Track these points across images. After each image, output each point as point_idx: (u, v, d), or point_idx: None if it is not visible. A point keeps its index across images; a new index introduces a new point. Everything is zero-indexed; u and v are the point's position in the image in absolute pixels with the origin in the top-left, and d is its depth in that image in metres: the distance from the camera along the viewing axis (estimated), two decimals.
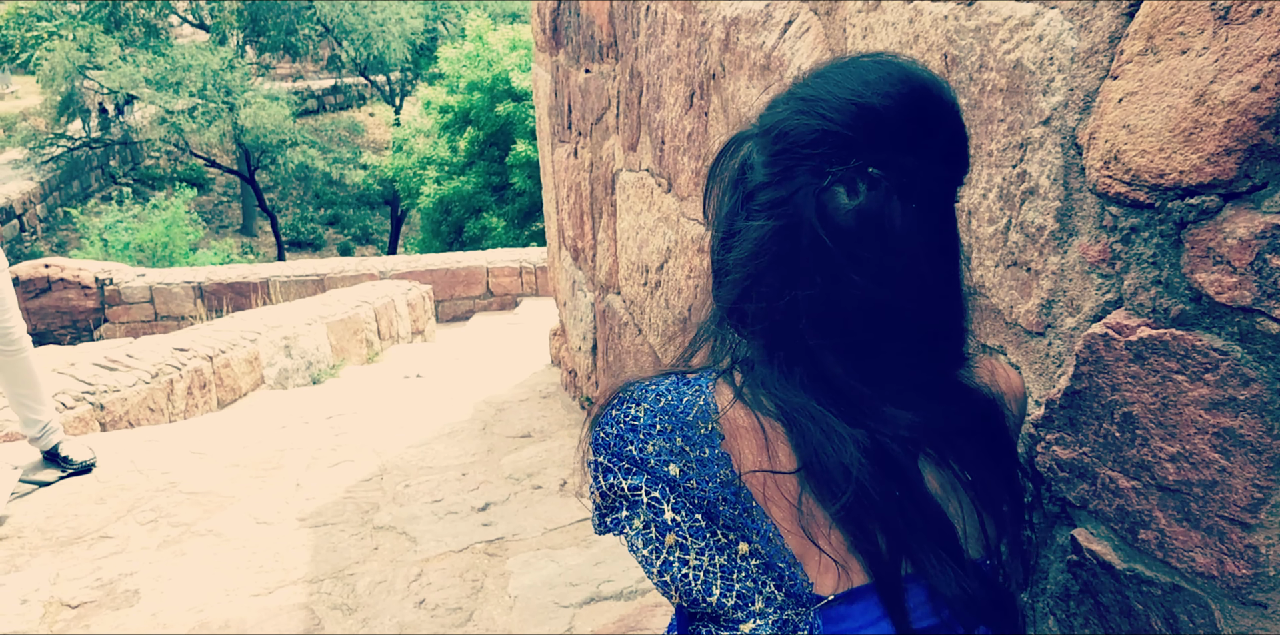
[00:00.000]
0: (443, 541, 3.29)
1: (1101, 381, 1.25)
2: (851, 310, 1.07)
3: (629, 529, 1.12)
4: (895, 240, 1.06)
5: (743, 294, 1.11)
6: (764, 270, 1.08)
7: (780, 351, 1.10)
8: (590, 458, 1.17)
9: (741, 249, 1.10)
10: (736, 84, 2.38)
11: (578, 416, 4.75)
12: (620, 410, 1.13)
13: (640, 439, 1.10)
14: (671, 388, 1.13)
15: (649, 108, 3.19)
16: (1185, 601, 1.19)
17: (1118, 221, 1.23)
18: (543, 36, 4.75)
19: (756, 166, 1.11)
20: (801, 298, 1.07)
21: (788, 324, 1.09)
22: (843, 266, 1.06)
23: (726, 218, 1.15)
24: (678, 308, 2.96)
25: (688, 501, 1.09)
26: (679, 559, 1.09)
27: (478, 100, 19.55)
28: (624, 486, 1.11)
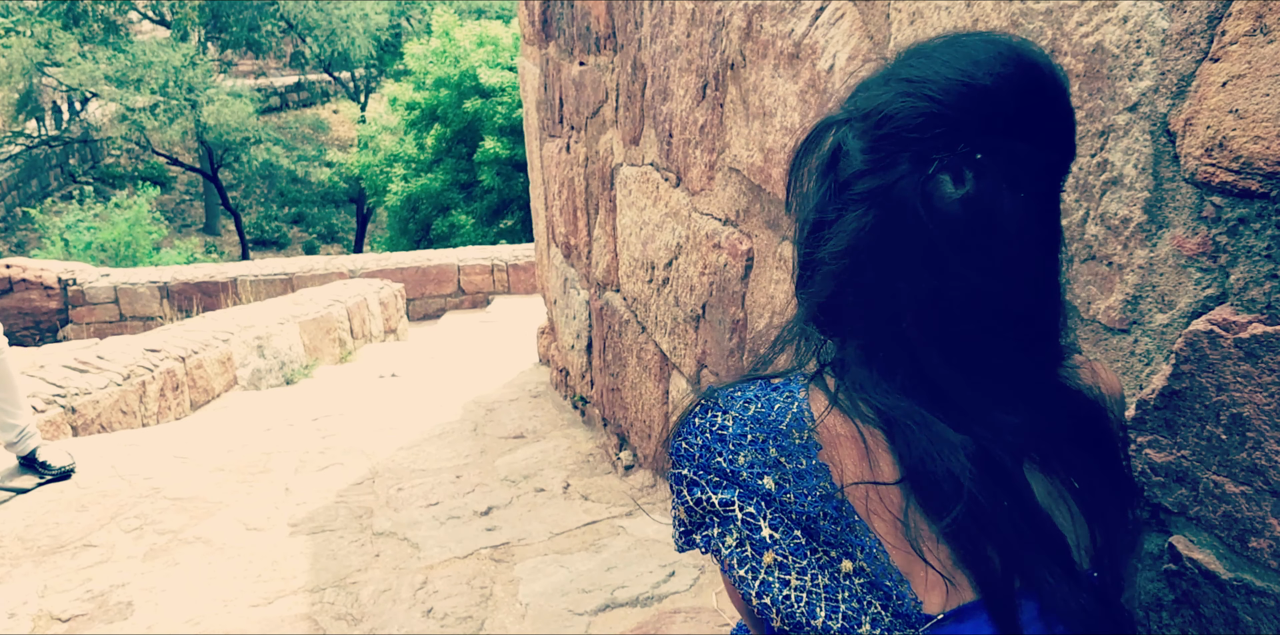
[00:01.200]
0: (446, 547, 3.20)
1: (1205, 381, 1.19)
2: (958, 305, 0.99)
3: (721, 547, 1.04)
4: (1003, 231, 0.98)
5: (838, 289, 1.03)
6: (863, 263, 1.00)
7: (880, 352, 1.02)
8: (672, 470, 1.09)
9: (837, 241, 1.02)
10: (759, 74, 2.30)
11: (570, 416, 4.66)
12: (706, 419, 1.06)
13: (730, 450, 1.02)
14: (760, 394, 1.05)
15: (654, 100, 3.10)
16: None
17: (1221, 212, 1.16)
18: (531, 30, 4.66)
19: (853, 153, 1.03)
20: (904, 292, 0.99)
21: (889, 321, 1.01)
22: (949, 259, 0.97)
23: (816, 208, 1.07)
24: (690, 305, 2.88)
25: (785, 517, 1.01)
26: (779, 579, 1.01)
27: (445, 97, 19.38)
28: (714, 501, 1.03)
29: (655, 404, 3.40)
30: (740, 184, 2.52)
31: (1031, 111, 0.99)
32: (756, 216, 2.44)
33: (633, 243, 3.43)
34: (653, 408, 3.43)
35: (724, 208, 2.63)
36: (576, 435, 4.40)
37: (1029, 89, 0.99)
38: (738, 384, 1.08)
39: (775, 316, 2.33)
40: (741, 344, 2.58)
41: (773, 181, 2.29)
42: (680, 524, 1.09)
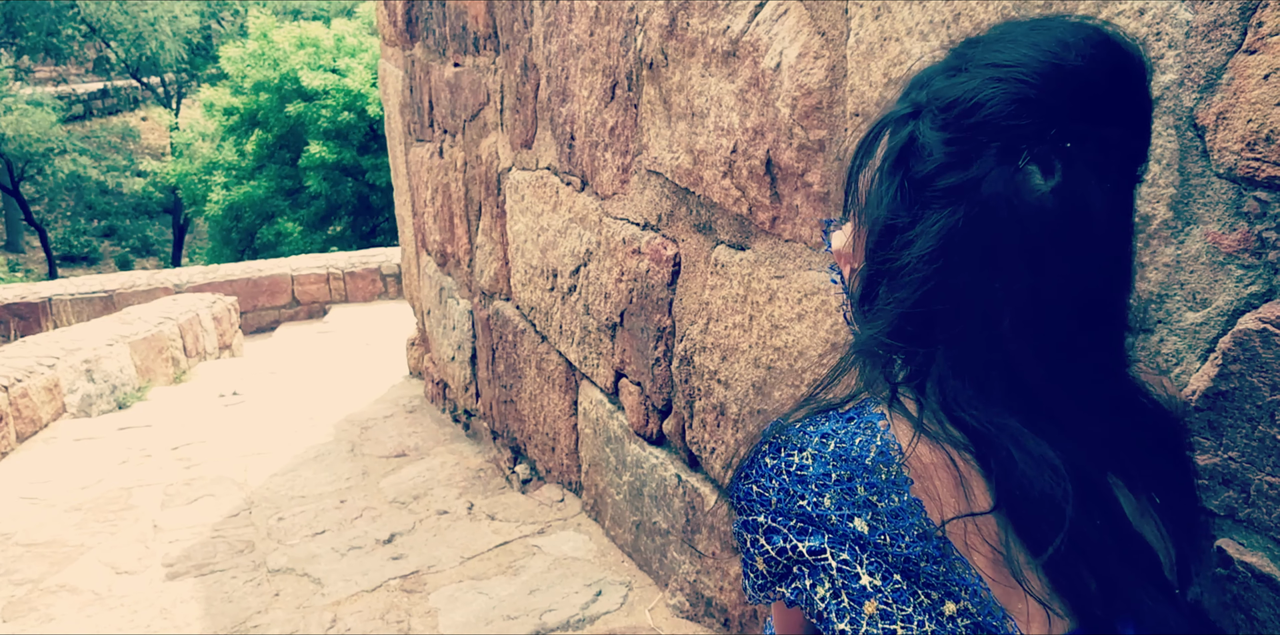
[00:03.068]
0: (351, 581, 3.00)
1: (1258, 381, 1.16)
2: (1053, 303, 0.92)
3: (815, 599, 0.95)
4: (1094, 222, 0.91)
5: (929, 295, 0.93)
6: (957, 265, 0.91)
7: (977, 360, 0.93)
8: (741, 516, 0.99)
9: (924, 243, 0.93)
10: (686, 73, 2.21)
11: (453, 431, 4.49)
12: (780, 459, 0.95)
13: (814, 492, 0.93)
14: (838, 428, 0.95)
15: (551, 101, 2.98)
16: None
17: (1269, 207, 1.13)
18: (393, 30, 4.45)
19: (931, 146, 0.95)
20: (1000, 292, 0.90)
21: (985, 326, 0.92)
22: (1046, 253, 0.90)
23: (888, 212, 0.98)
24: (605, 313, 2.77)
25: (883, 561, 0.92)
26: (884, 630, 0.92)
27: (265, 101, 18.65)
28: (802, 550, 0.93)
29: (560, 415, 3.28)
30: (662, 187, 2.42)
31: (1121, 94, 0.93)
32: (683, 220, 2.35)
33: (528, 250, 3.29)
34: (557, 419, 3.31)
35: (643, 212, 2.53)
36: (463, 450, 4.24)
37: (1119, 71, 0.93)
38: (808, 417, 0.98)
39: (713, 323, 2.25)
40: (669, 352, 2.49)
41: (705, 184, 2.20)
42: (758, 575, 0.99)
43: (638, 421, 2.70)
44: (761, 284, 2.07)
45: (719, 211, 2.20)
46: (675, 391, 2.48)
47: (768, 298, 2.06)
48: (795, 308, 1.97)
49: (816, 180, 1.87)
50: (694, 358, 2.35)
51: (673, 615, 2.60)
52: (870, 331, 0.98)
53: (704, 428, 2.35)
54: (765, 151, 1.98)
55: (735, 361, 2.19)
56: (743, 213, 2.10)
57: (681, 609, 2.59)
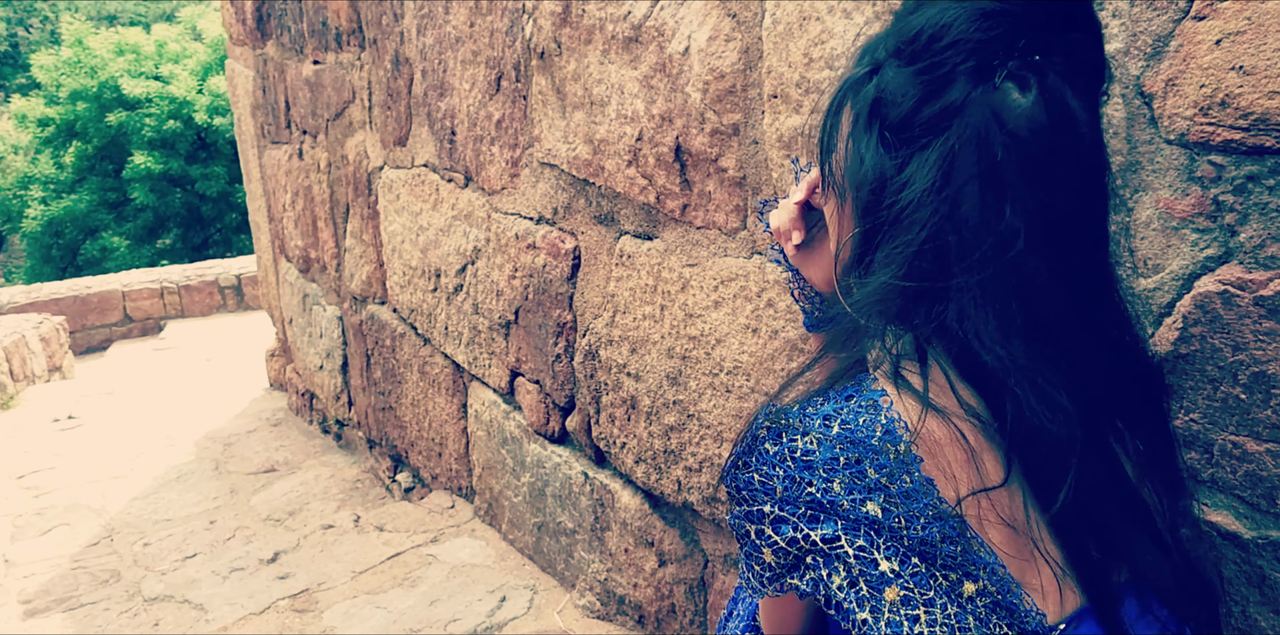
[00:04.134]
0: (237, 604, 2.81)
1: (1219, 342, 1.16)
2: (1065, 221, 0.89)
3: (830, 589, 0.89)
4: (1083, 133, 0.90)
5: (936, 230, 0.88)
6: (960, 194, 0.88)
7: (995, 288, 0.88)
8: (741, 507, 0.93)
9: (921, 180, 0.89)
10: (583, 62, 2.14)
11: (323, 442, 4.29)
12: (781, 445, 0.89)
13: (823, 477, 0.87)
14: (839, 408, 0.90)
15: (427, 97, 2.87)
16: None
17: (1224, 171, 1.14)
18: (242, 28, 4.23)
19: (902, 85, 0.92)
20: (1009, 215, 0.87)
21: (1000, 251, 0.87)
22: (1047, 168, 0.88)
23: (874, 164, 0.94)
24: (497, 312, 2.68)
25: (899, 545, 0.87)
26: (907, 617, 0.88)
27: (84, 110, 17.67)
28: (815, 538, 0.88)
29: (448, 420, 3.16)
30: (558, 179, 2.35)
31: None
32: (582, 213, 2.28)
33: (407, 250, 3.16)
34: (444, 424, 3.19)
35: (536, 206, 2.45)
36: (336, 462, 4.06)
37: None
38: (805, 398, 0.92)
39: (620, 315, 2.19)
40: (570, 348, 2.41)
41: (607, 174, 2.14)
42: (765, 568, 0.93)
43: (537, 420, 2.61)
44: (673, 273, 2.02)
45: (623, 202, 2.14)
46: (578, 388, 2.40)
47: (680, 287, 2.00)
48: (711, 295, 1.93)
49: (731, 165, 1.82)
50: (600, 352, 2.28)
51: (583, 616, 2.52)
52: (882, 279, 0.92)
53: (612, 423, 2.29)
54: (674, 138, 1.93)
55: (646, 353, 2.13)
56: (650, 202, 2.04)
57: (592, 609, 2.52)
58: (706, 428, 2.00)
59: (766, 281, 1.80)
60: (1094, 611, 0.98)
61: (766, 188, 1.76)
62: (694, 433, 2.03)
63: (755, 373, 1.85)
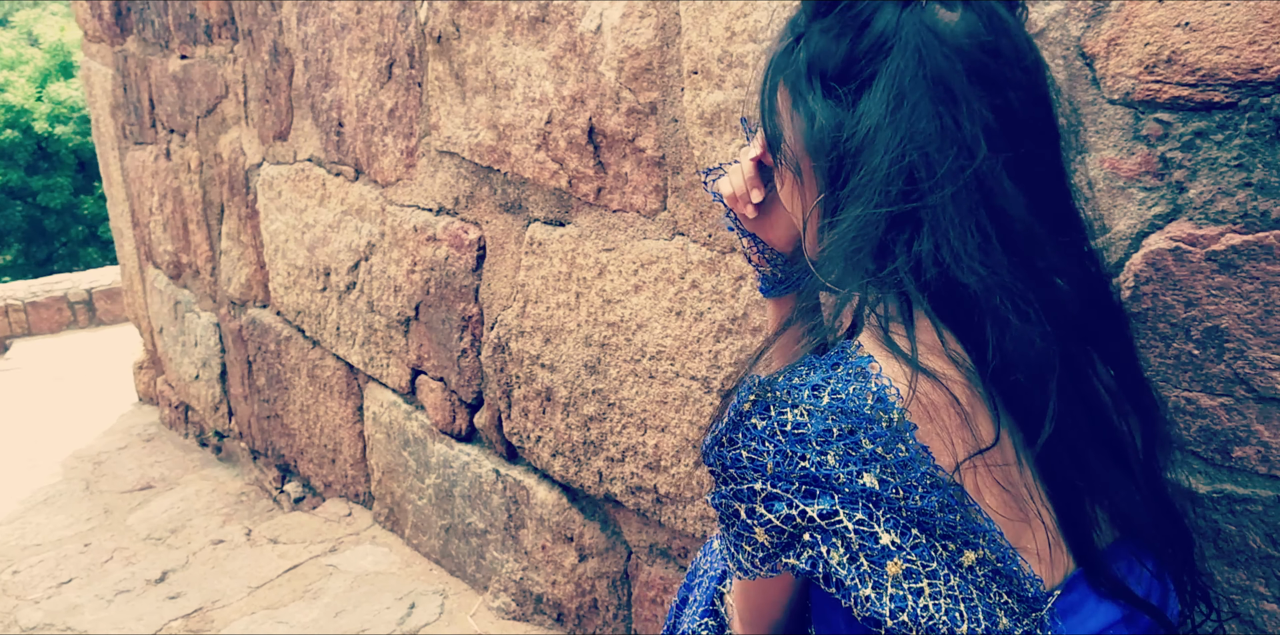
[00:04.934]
0: (124, 628, 2.62)
1: (1171, 299, 1.16)
2: (1019, 127, 0.89)
3: (831, 566, 0.85)
4: (1017, 37, 0.90)
5: (899, 152, 0.86)
6: (917, 113, 0.86)
7: (966, 203, 0.86)
8: (730, 487, 0.88)
9: (876, 108, 0.87)
10: (485, 44, 2.06)
11: (202, 456, 4.08)
12: (770, 420, 0.85)
13: (816, 450, 0.83)
14: (827, 377, 0.86)
15: (311, 88, 2.73)
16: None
17: (1170, 129, 1.14)
18: (98, 24, 3.99)
19: (832, 38, 0.92)
20: (969, 123, 0.86)
21: (964, 162, 0.86)
22: (992, 75, 0.88)
23: (827, 115, 0.91)
24: (396, 308, 2.56)
25: (898, 517, 0.84)
26: (911, 590, 0.85)
27: None
28: (811, 515, 0.84)
29: (342, 424, 3.02)
30: (459, 168, 2.26)
31: None
32: (486, 201, 2.20)
33: (291, 250, 3.01)
34: (338, 429, 3.05)
35: (435, 196, 2.35)
36: (218, 475, 3.86)
37: None
38: (791, 369, 0.88)
39: (531, 305, 2.11)
40: (477, 342, 2.32)
41: (513, 160, 2.06)
42: (758, 548, 0.89)
43: (443, 419, 2.51)
44: (588, 259, 1.95)
45: (532, 188, 2.06)
46: (487, 383, 2.32)
47: (597, 273, 1.94)
48: (631, 280, 1.87)
49: (649, 145, 1.77)
50: (510, 344, 2.20)
51: (498, 618, 2.43)
52: (856, 211, 0.89)
53: (526, 417, 2.21)
54: (587, 119, 1.86)
55: (562, 343, 2.06)
56: (562, 186, 1.97)
57: (507, 610, 2.43)
58: (629, 416, 1.94)
59: (690, 263, 1.75)
60: (1085, 576, 0.96)
61: (688, 166, 1.71)
62: (615, 422, 1.97)
63: (680, 357, 1.80)
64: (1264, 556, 1.17)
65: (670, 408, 1.85)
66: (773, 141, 0.99)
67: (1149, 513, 1.00)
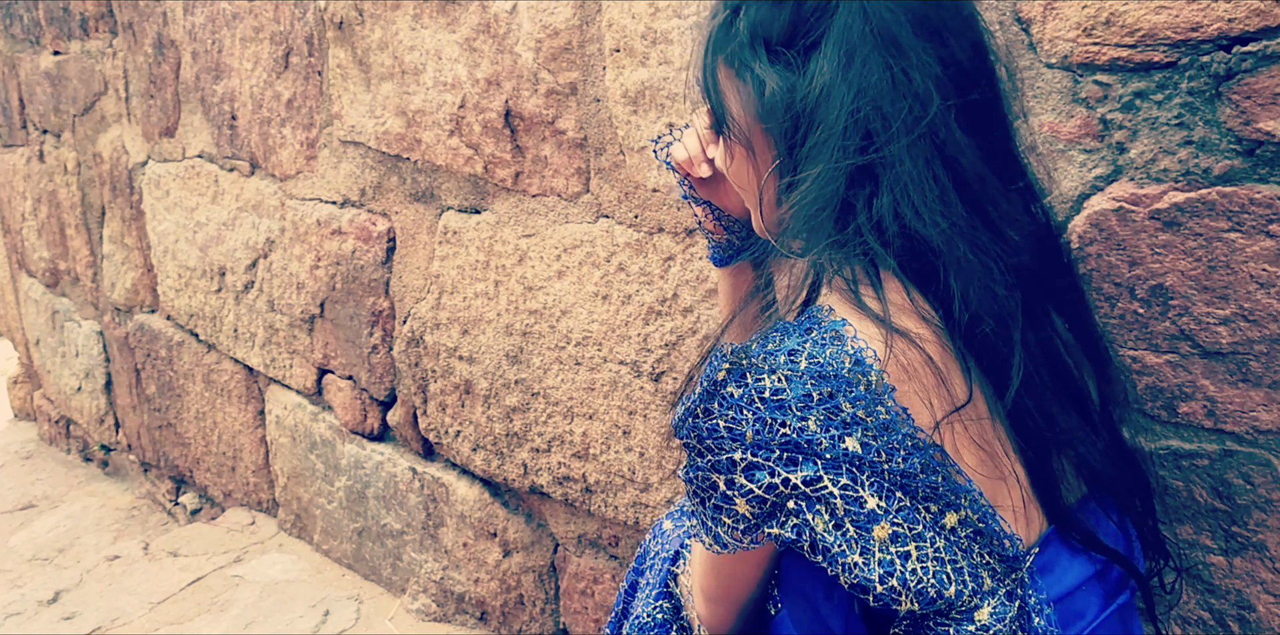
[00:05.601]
0: None
1: (1115, 259, 1.16)
2: (965, 77, 0.89)
3: (817, 533, 0.82)
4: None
5: (854, 105, 0.85)
6: (868, 66, 0.86)
7: (922, 152, 0.86)
8: (707, 458, 0.85)
9: (828, 64, 0.86)
10: (390, 29, 1.98)
11: (87, 471, 3.86)
12: (747, 387, 0.82)
13: (797, 416, 0.80)
14: (802, 341, 0.83)
15: (200, 80, 2.60)
16: (1240, 464, 1.14)
17: (1109, 90, 1.14)
18: None
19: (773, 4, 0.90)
20: (919, 73, 0.86)
21: (919, 112, 0.85)
22: (934, 25, 0.89)
23: (779, 80, 0.90)
24: (299, 306, 2.45)
25: (882, 480, 0.82)
26: (899, 554, 0.83)
27: None
28: (795, 482, 0.81)
29: (242, 430, 2.88)
30: (364, 158, 2.17)
31: None
32: (396, 191, 2.11)
33: (182, 250, 2.86)
34: (238, 435, 2.91)
35: (340, 188, 2.25)
36: (106, 490, 3.65)
37: None
38: (761, 336, 0.84)
39: (446, 296, 2.03)
40: (389, 337, 2.23)
41: (424, 147, 1.98)
42: (738, 520, 0.86)
43: (353, 419, 2.40)
44: (507, 246, 1.89)
45: (445, 175, 1.99)
46: (400, 379, 2.23)
47: (517, 260, 1.88)
48: (554, 265, 1.81)
49: (570, 126, 1.72)
50: (425, 338, 2.11)
51: (418, 620, 2.34)
52: (814, 168, 0.87)
53: (443, 411, 2.13)
54: (504, 102, 1.80)
55: (481, 334, 1.98)
56: (477, 173, 1.90)
57: (427, 612, 2.34)
58: (555, 405, 1.88)
59: (616, 245, 1.70)
60: (1057, 533, 0.95)
61: (611, 147, 1.67)
62: (540, 412, 1.91)
63: (608, 341, 1.75)
64: (1210, 510, 1.18)
65: (598, 394, 1.80)
66: (720, 118, 0.97)
67: (1112, 463, 0.99)
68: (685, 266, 1.61)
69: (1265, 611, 1.17)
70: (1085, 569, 0.98)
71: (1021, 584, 0.90)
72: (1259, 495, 1.14)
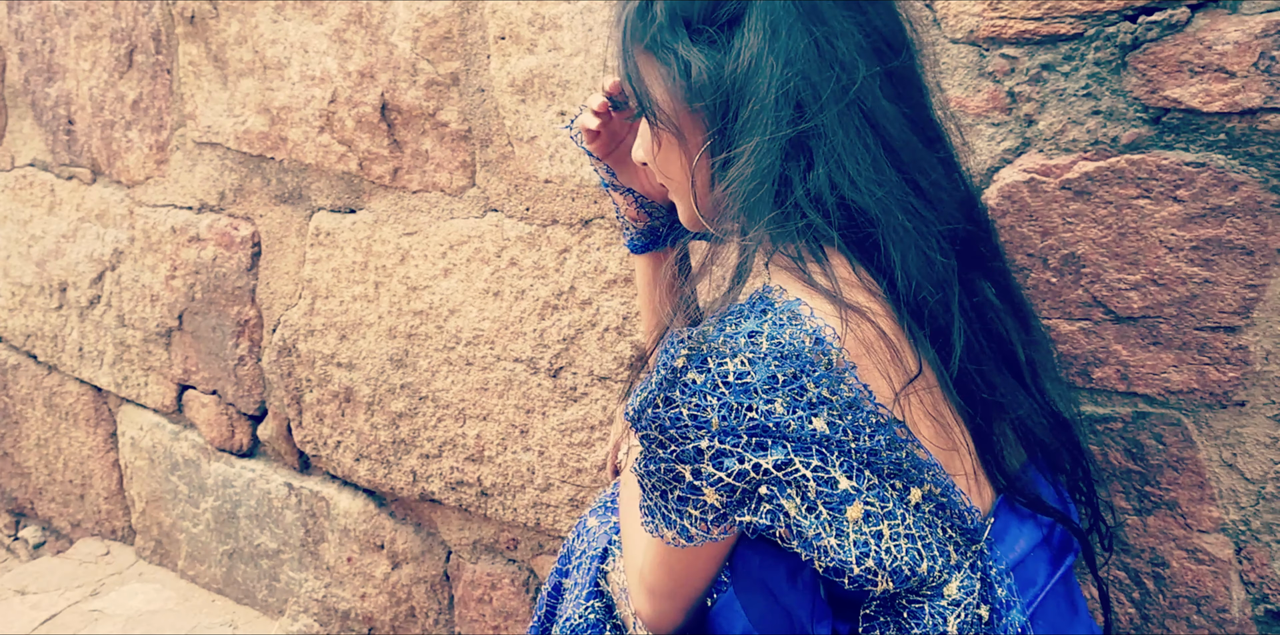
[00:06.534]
0: None
1: (1028, 230, 1.16)
2: (883, 45, 0.88)
3: (791, 517, 0.79)
4: None
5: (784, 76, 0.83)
6: (794, 36, 0.83)
7: (852, 122, 0.84)
8: (671, 449, 0.80)
9: (755, 39, 0.84)
10: (249, 21, 1.85)
11: None
12: (709, 373, 0.78)
13: (764, 399, 0.77)
14: (759, 323, 0.79)
15: (30, 83, 2.38)
16: (1152, 426, 1.15)
17: (1016, 63, 1.13)
18: None
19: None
20: (843, 42, 0.84)
21: (844, 81, 0.83)
22: None
23: (703, 59, 0.86)
24: (154, 319, 2.26)
25: (851, 460, 0.80)
26: (873, 533, 0.80)
27: None
28: (766, 466, 0.78)
29: (92, 455, 2.65)
30: (223, 159, 2.01)
31: None
32: (260, 193, 1.97)
33: (16, 266, 2.61)
34: (86, 461, 2.67)
35: (196, 193, 2.09)
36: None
37: None
38: (719, 319, 0.80)
39: (321, 301, 1.90)
40: (256, 347, 2.08)
41: (291, 146, 1.85)
42: (707, 510, 0.82)
43: (220, 436, 2.23)
44: (387, 246, 1.78)
45: (315, 174, 1.86)
46: (271, 390, 2.08)
47: (399, 259, 1.77)
48: (439, 264, 1.71)
49: (453, 118, 1.63)
50: (298, 345, 1.97)
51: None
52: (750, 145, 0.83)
53: (321, 422, 1.99)
54: (379, 96, 1.69)
55: (361, 338, 1.86)
56: (351, 170, 1.78)
57: (310, 631, 2.19)
58: (445, 408, 1.77)
59: (507, 239, 1.62)
60: (1005, 502, 0.94)
61: (499, 138, 1.58)
62: (429, 416, 1.80)
63: (501, 339, 1.67)
64: (1124, 472, 1.18)
65: (492, 394, 1.70)
66: (645, 107, 0.92)
67: (1049, 427, 0.98)
68: (582, 258, 1.54)
69: (1178, 567, 1.18)
70: (1034, 535, 0.97)
71: (981, 555, 0.88)
72: (1171, 454, 1.15)
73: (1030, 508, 0.95)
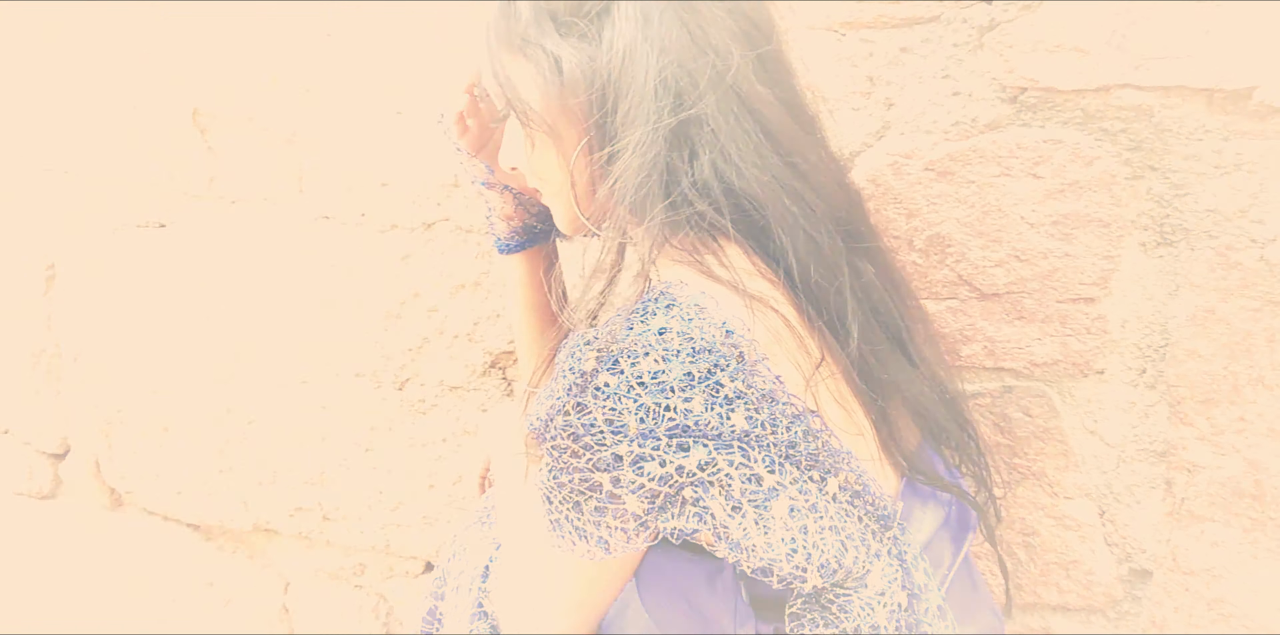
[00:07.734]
0: None
1: (893, 212, 1.15)
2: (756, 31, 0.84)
3: (719, 518, 0.74)
4: None
5: (660, 64, 0.78)
6: (665, 29, 0.79)
7: (729, 112, 0.80)
8: (585, 457, 0.73)
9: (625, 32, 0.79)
10: None
11: None
12: (623, 375, 0.72)
13: (682, 397, 0.71)
14: (667, 320, 0.73)
15: None
16: (1019, 398, 1.16)
17: (874, 47, 1.12)
18: None
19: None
20: (714, 33, 0.81)
21: (721, 75, 0.79)
22: None
23: (579, 58, 0.81)
24: None
25: (770, 454, 0.75)
26: (798, 528, 0.76)
27: None
28: (689, 467, 0.73)
29: None
30: None
31: None
32: None
33: None
34: None
35: None
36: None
37: None
38: (624, 320, 0.74)
39: None
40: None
41: None
42: (628, 519, 0.75)
43: None
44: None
45: None
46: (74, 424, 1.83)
47: None
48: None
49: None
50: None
51: None
52: (634, 137, 0.78)
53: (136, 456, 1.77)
54: None
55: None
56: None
57: None
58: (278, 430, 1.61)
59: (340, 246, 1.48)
60: (909, 483, 0.90)
61: None
62: (259, 440, 1.63)
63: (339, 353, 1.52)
64: (994, 446, 1.17)
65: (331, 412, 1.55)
66: (519, 111, 0.85)
67: (939, 404, 0.95)
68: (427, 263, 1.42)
69: (1047, 534, 1.19)
70: (937, 515, 0.94)
71: (895, 540, 0.83)
72: (1037, 425, 1.15)
73: (932, 485, 0.91)
